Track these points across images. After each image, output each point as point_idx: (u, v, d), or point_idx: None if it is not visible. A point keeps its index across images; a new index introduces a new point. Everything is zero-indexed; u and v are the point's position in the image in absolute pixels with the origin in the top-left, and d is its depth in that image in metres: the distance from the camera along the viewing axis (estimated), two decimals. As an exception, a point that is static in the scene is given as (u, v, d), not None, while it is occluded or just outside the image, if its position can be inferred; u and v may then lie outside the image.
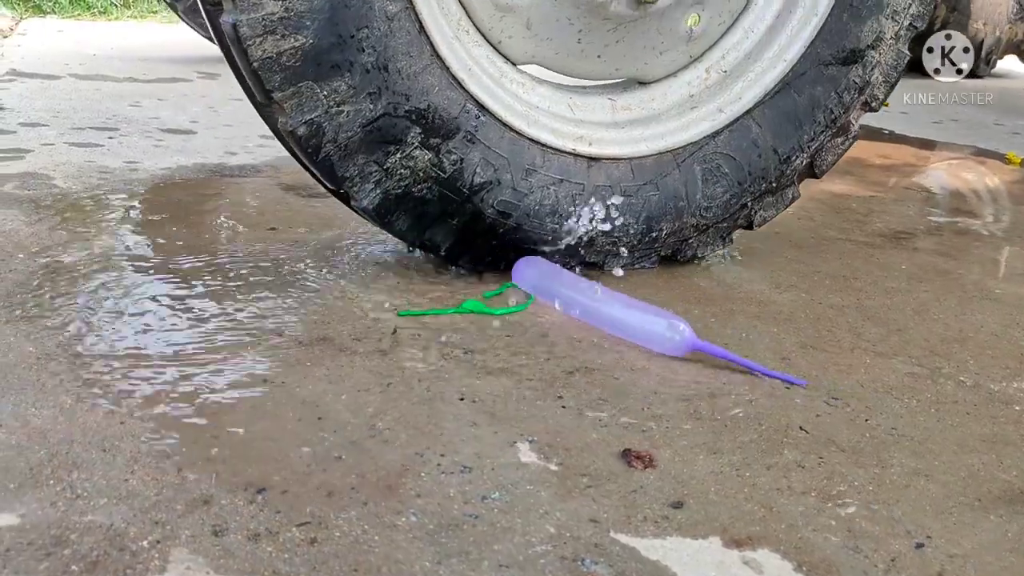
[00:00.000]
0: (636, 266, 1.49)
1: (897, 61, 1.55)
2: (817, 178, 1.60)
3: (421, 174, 1.27)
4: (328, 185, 1.30)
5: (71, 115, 2.44)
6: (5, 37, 4.14)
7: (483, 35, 1.32)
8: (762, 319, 1.34)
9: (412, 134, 1.24)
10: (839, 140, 1.56)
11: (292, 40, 1.14)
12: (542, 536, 0.79)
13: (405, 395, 1.03)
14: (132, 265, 1.38)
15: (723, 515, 0.84)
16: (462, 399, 1.03)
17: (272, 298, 1.28)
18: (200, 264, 1.40)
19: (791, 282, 1.52)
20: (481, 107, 1.29)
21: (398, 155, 1.24)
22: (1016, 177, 2.66)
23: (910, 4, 1.49)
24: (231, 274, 1.36)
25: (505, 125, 1.31)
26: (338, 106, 1.19)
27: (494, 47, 1.33)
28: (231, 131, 2.45)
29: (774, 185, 1.53)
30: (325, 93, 1.17)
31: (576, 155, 1.38)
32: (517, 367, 1.12)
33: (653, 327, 1.20)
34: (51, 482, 0.81)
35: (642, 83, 1.49)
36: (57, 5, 6.90)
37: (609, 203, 1.41)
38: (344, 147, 1.21)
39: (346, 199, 1.31)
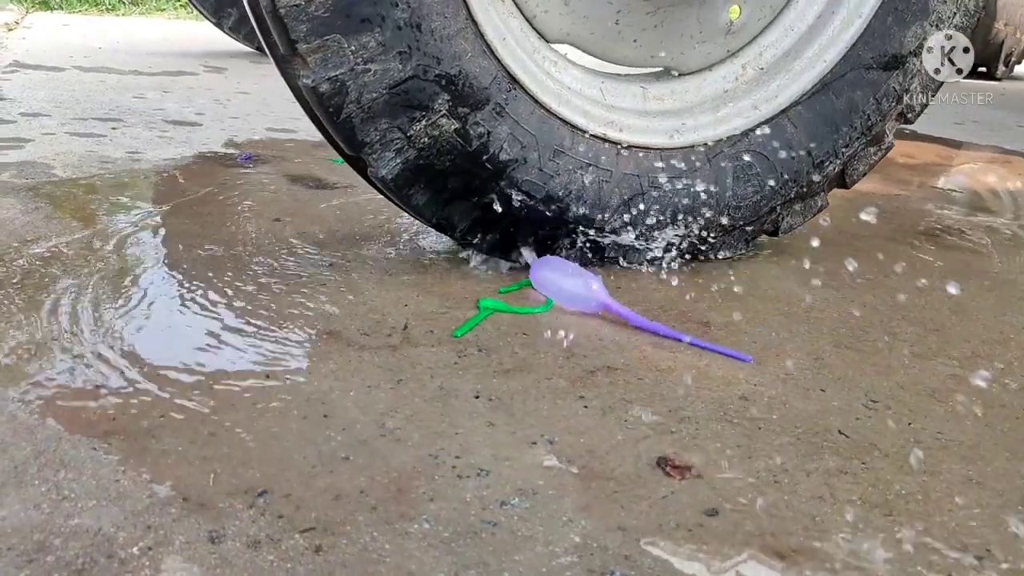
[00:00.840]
0: (656, 263, 1.43)
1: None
2: (847, 188, 1.53)
3: (445, 145, 1.19)
4: (345, 150, 1.21)
5: (73, 106, 2.39)
6: (10, 30, 4.10)
7: (518, 7, 1.26)
8: (792, 317, 1.27)
9: (440, 101, 1.16)
10: (872, 149, 1.50)
11: None
12: (567, 546, 0.72)
13: (417, 392, 0.96)
14: (130, 256, 1.31)
15: (762, 524, 0.77)
16: (478, 397, 0.96)
17: (276, 291, 1.22)
18: (201, 255, 1.34)
19: (819, 279, 1.45)
20: (513, 80, 1.22)
21: (423, 122, 1.17)
22: (1043, 177, 2.59)
23: (955, 13, 1.44)
24: (233, 266, 1.30)
25: (536, 101, 1.24)
26: (365, 64, 1.11)
27: (528, 21, 1.27)
28: (237, 123, 2.39)
29: (805, 190, 1.47)
30: (353, 48, 1.10)
31: (606, 140, 1.32)
32: (536, 365, 1.05)
33: (572, 287, 1.23)
34: (36, 482, 0.75)
35: (676, 74, 1.43)
36: (64, 0, 6.87)
37: (636, 193, 1.34)
38: (367, 109, 1.13)
39: (362, 168, 1.22)
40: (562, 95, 1.29)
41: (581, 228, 1.33)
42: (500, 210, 1.26)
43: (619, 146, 1.33)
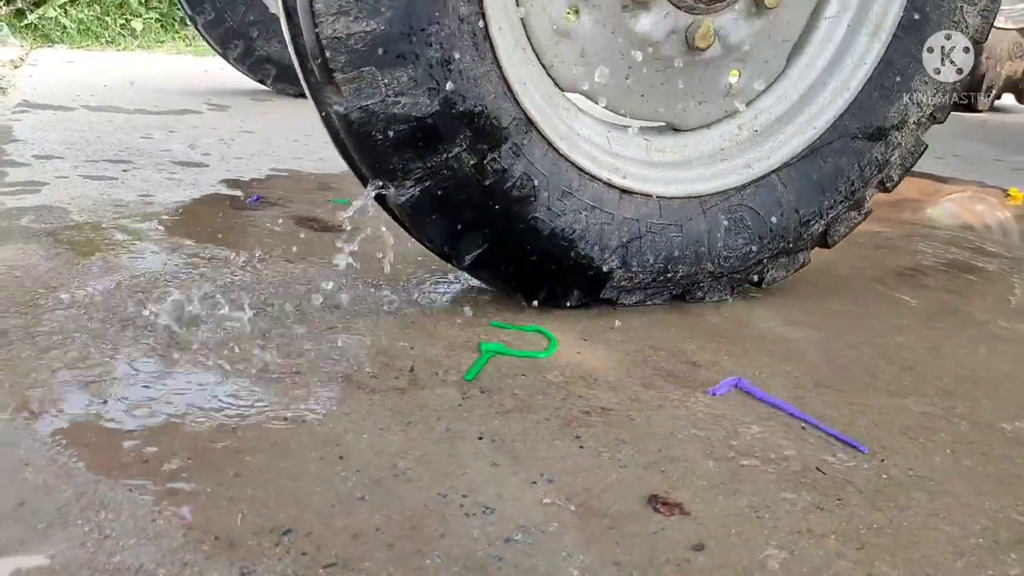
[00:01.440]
0: (647, 303, 1.51)
1: (915, 147, 1.61)
2: (828, 247, 1.63)
3: (463, 178, 1.27)
4: (367, 176, 1.29)
5: (84, 147, 2.47)
6: (16, 67, 4.19)
7: (537, 55, 1.35)
8: (775, 357, 1.35)
9: (461, 137, 1.24)
10: (853, 213, 1.61)
11: (364, 24, 1.15)
12: (566, 579, 0.79)
13: (426, 434, 1.03)
14: (149, 301, 1.39)
15: (745, 558, 0.84)
16: (481, 438, 1.04)
17: (288, 335, 1.29)
18: (219, 300, 1.41)
19: (803, 319, 1.53)
20: (529, 122, 1.30)
21: (444, 155, 1.25)
22: (1019, 213, 2.68)
23: (935, 94, 1.56)
24: (248, 311, 1.37)
25: (549, 144, 1.33)
26: (396, 96, 1.19)
27: (545, 69, 1.36)
28: (242, 163, 2.48)
29: (791, 246, 1.57)
30: (386, 81, 1.18)
31: (610, 185, 1.40)
32: (534, 406, 1.13)
33: None
34: (79, 522, 0.82)
35: (676, 129, 1.53)
36: (66, 34, 6.98)
37: (634, 237, 1.42)
38: (394, 139, 1.22)
39: (380, 196, 1.30)
40: (573, 140, 1.38)
41: (582, 265, 1.40)
42: (508, 244, 1.34)
43: (622, 191, 1.42)
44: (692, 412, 1.15)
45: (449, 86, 1.21)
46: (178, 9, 7.54)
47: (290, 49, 1.26)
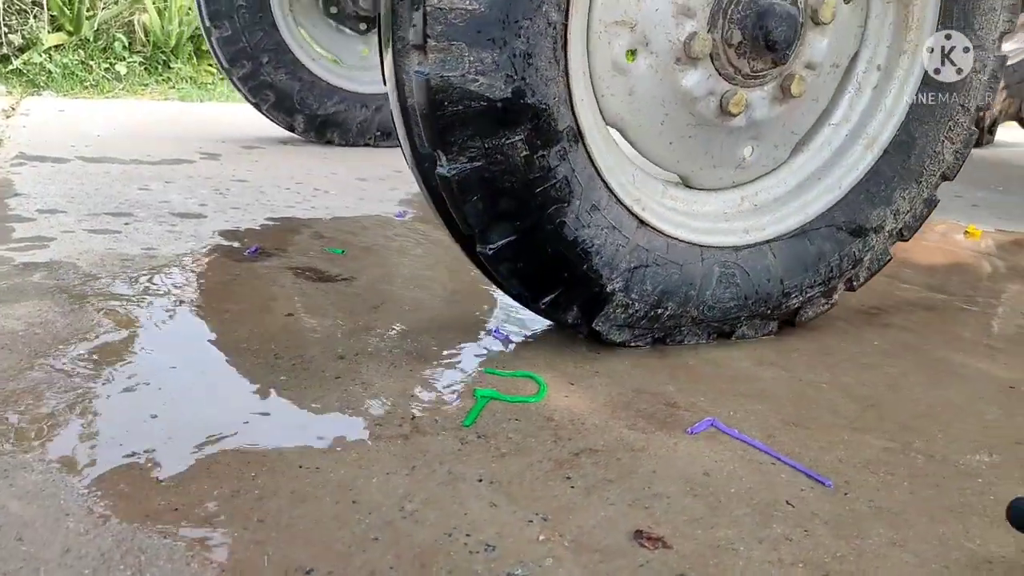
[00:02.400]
0: (632, 344, 1.61)
1: (883, 255, 1.81)
2: (794, 325, 1.78)
3: (513, 167, 1.36)
4: (423, 144, 1.37)
5: (85, 200, 2.56)
6: (8, 117, 4.28)
7: (592, 83, 1.47)
8: (748, 397, 1.46)
9: (522, 127, 1.34)
10: (823, 300, 1.78)
11: (468, 3, 1.26)
12: (563, 608, 0.89)
13: (430, 477, 1.13)
14: (162, 355, 1.48)
15: (722, 586, 0.94)
16: (480, 480, 1.13)
17: (297, 385, 1.39)
18: (228, 353, 1.51)
19: (772, 359, 1.64)
20: (580, 134, 1.42)
21: (503, 139, 1.34)
22: (977, 250, 2.83)
23: (909, 210, 1.76)
24: (257, 362, 1.47)
25: (590, 159, 1.45)
26: (476, 75, 1.29)
27: (596, 98, 1.49)
28: (239, 214, 2.57)
29: (768, 312, 1.71)
30: (471, 59, 1.28)
31: (631, 212, 1.53)
32: (528, 449, 1.23)
33: None
34: (122, 567, 0.90)
35: (688, 186, 1.68)
36: (51, 79, 7.07)
37: (641, 264, 1.54)
38: (462, 114, 1.31)
39: (429, 165, 1.38)
40: (608, 163, 1.50)
41: (590, 282, 1.50)
42: (534, 240, 1.43)
43: (640, 221, 1.54)
44: (673, 451, 1.25)
45: (524, 79, 1.32)
46: (161, 53, 7.68)
47: (384, 12, 1.36)
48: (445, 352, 1.57)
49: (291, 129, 4.12)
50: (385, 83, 1.43)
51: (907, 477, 1.22)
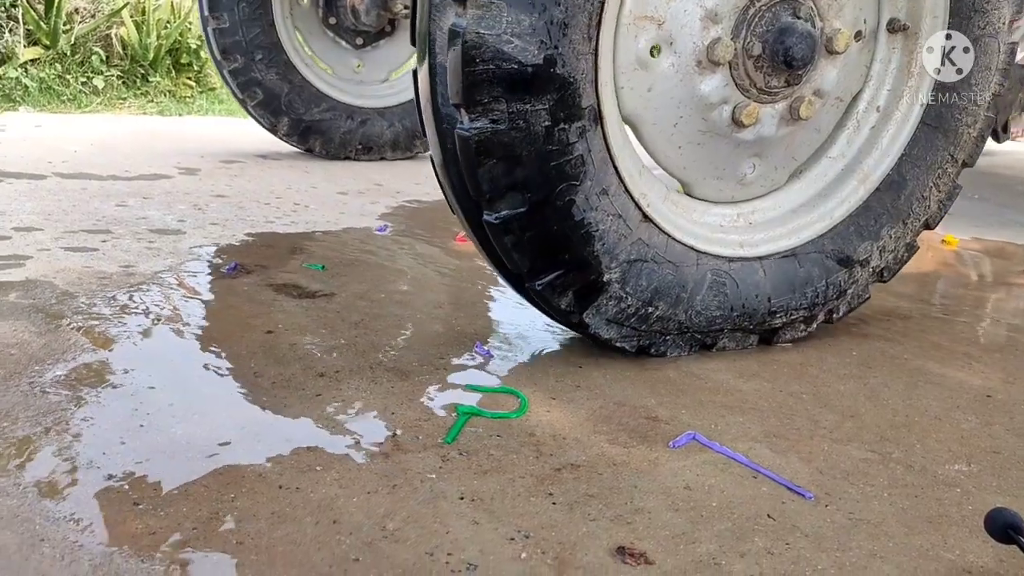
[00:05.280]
0: (617, 343, 1.60)
1: (863, 292, 1.85)
2: (770, 344, 1.80)
3: (533, 135, 1.36)
4: (446, 101, 1.37)
5: (62, 217, 2.53)
6: (-17, 133, 4.23)
7: (614, 74, 1.48)
8: (729, 408, 1.47)
9: (548, 96, 1.34)
10: (802, 326, 1.81)
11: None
12: (545, 627, 0.88)
13: (411, 496, 1.12)
14: (140, 374, 1.46)
15: (704, 601, 0.95)
16: (462, 498, 1.13)
17: (277, 403, 1.38)
18: (208, 372, 1.49)
19: (753, 370, 1.65)
20: (600, 115, 1.43)
21: (527, 105, 1.34)
22: (954, 259, 2.86)
23: (893, 250, 1.82)
24: (237, 381, 1.45)
25: (606, 143, 1.45)
26: (511, 36, 1.29)
27: (615, 89, 1.50)
28: (218, 230, 2.56)
29: (751, 327, 1.73)
30: (509, 19, 1.29)
31: (637, 204, 1.54)
32: (509, 466, 1.22)
33: None
34: (98, 593, 0.89)
35: (689, 195, 1.70)
36: (27, 94, 7.01)
37: (639, 258, 1.54)
38: (492, 73, 1.31)
39: (448, 126, 1.39)
40: (622, 152, 1.51)
41: (589, 269, 1.50)
42: (542, 214, 1.42)
43: (644, 215, 1.55)
44: (655, 466, 1.25)
45: (558, 48, 1.33)
46: (139, 66, 7.64)
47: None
48: (426, 368, 1.57)
49: (273, 130, 4.08)
50: (414, 41, 1.44)
51: (886, 487, 1.23)
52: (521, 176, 1.39)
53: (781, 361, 1.71)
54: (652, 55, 1.50)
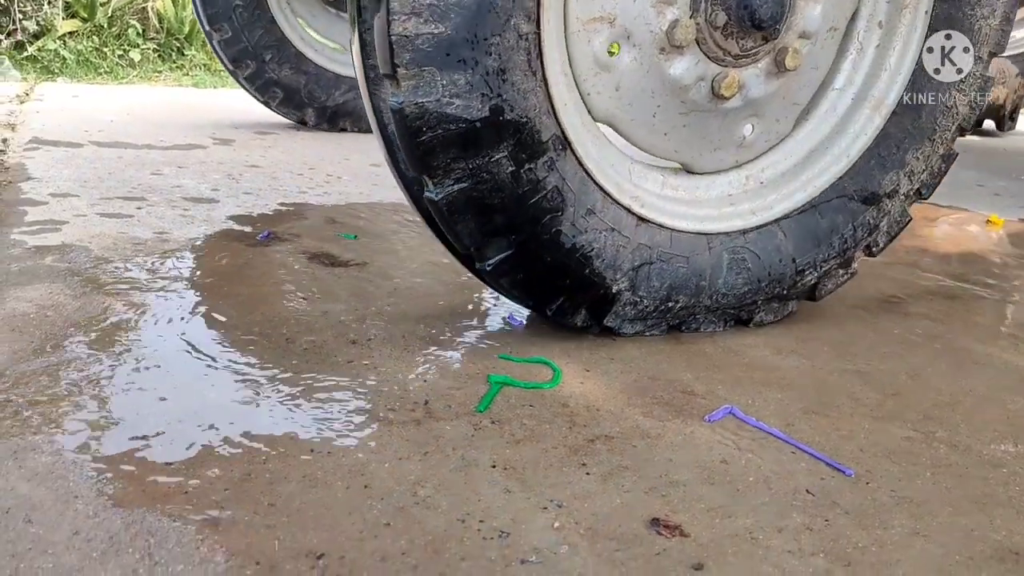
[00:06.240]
0: (647, 334, 1.59)
1: (901, 217, 1.75)
2: (814, 300, 1.74)
3: (500, 184, 1.34)
4: (408, 169, 1.36)
5: (98, 184, 2.55)
6: (22, 103, 4.28)
7: (576, 83, 1.44)
8: (767, 385, 1.43)
9: (505, 143, 1.32)
10: (841, 272, 1.73)
11: (433, 26, 1.23)
12: (578, 597, 0.87)
13: (443, 463, 1.11)
14: (174, 341, 1.46)
15: None
16: (494, 466, 1.11)
17: (310, 370, 1.37)
18: (240, 339, 1.49)
19: (791, 347, 1.61)
20: (566, 141, 1.39)
21: (486, 158, 1.32)
22: (999, 239, 2.78)
23: (924, 170, 1.70)
24: (270, 347, 1.45)
25: (580, 164, 1.42)
26: (451, 97, 1.27)
27: (582, 97, 1.45)
28: (251, 199, 2.56)
29: (784, 292, 1.67)
30: (444, 82, 1.26)
31: (629, 211, 1.50)
32: (542, 435, 1.21)
33: None
34: (130, 550, 0.89)
35: (690, 172, 1.64)
36: (65, 66, 7.09)
37: (645, 262, 1.51)
38: (442, 138, 1.29)
39: (418, 188, 1.38)
40: (600, 165, 1.47)
41: (595, 283, 1.48)
42: (531, 252, 1.41)
43: (639, 219, 1.51)
44: (690, 439, 1.23)
45: (501, 95, 1.30)
46: (175, 39, 7.68)
47: (354, 44, 1.35)
48: (458, 338, 1.55)
49: (303, 123, 4.13)
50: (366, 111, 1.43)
51: (930, 467, 1.19)
52: (500, 223, 1.38)
53: (821, 339, 1.68)
54: (611, 54, 1.44)
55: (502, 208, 1.36)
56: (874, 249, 1.74)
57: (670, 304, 1.56)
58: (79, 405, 1.20)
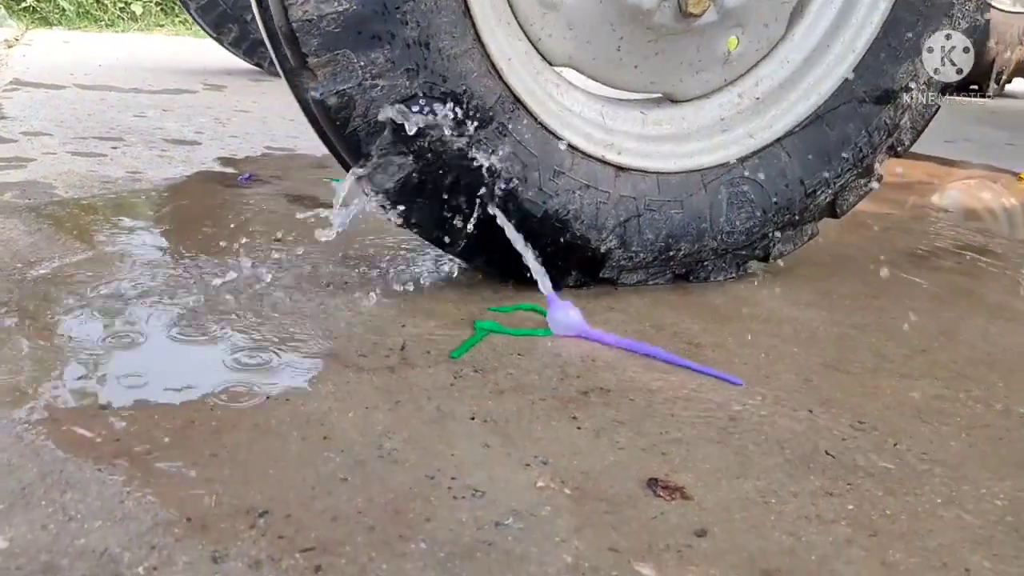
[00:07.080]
0: (650, 283, 1.46)
1: (927, 108, 1.52)
2: (836, 217, 1.57)
3: (449, 162, 1.22)
4: (349, 163, 1.24)
5: (75, 124, 2.42)
6: (10, 47, 4.13)
7: (523, 30, 1.29)
8: (782, 338, 1.30)
9: (444, 117, 1.19)
10: (862, 181, 1.54)
11: (335, 4, 1.10)
12: (559, 566, 0.74)
13: (415, 414, 0.98)
14: (131, 278, 1.34)
15: (750, 544, 0.79)
16: (473, 419, 0.99)
17: (275, 312, 1.24)
18: (204, 276, 1.36)
19: (810, 300, 1.48)
20: (516, 100, 1.25)
21: (427, 139, 1.19)
22: (1031, 196, 2.63)
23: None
24: (232, 287, 1.32)
25: (538, 122, 1.28)
26: (373, 79, 1.14)
27: (533, 44, 1.30)
28: (237, 142, 2.43)
29: (797, 218, 1.51)
30: (362, 64, 1.13)
31: (605, 162, 1.35)
32: (530, 386, 1.08)
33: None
34: (43, 503, 0.77)
35: (674, 101, 1.47)
36: (64, 17, 6.92)
37: (632, 216, 1.37)
38: (374, 123, 1.17)
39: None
40: (564, 117, 1.32)
41: (578, 246, 1.35)
42: (499, 227, 1.28)
43: (618, 168, 1.36)
44: (694, 393, 1.10)
45: (428, 66, 1.16)
46: (177, -8, 7.49)
47: (263, 35, 1.21)
48: (447, 284, 1.42)
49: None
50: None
51: (964, 428, 1.06)
52: (459, 202, 1.26)
53: (842, 292, 1.53)
54: None
55: (457, 188, 1.24)
56: (899, 148, 1.54)
57: (671, 253, 1.42)
58: (15, 344, 1.07)
